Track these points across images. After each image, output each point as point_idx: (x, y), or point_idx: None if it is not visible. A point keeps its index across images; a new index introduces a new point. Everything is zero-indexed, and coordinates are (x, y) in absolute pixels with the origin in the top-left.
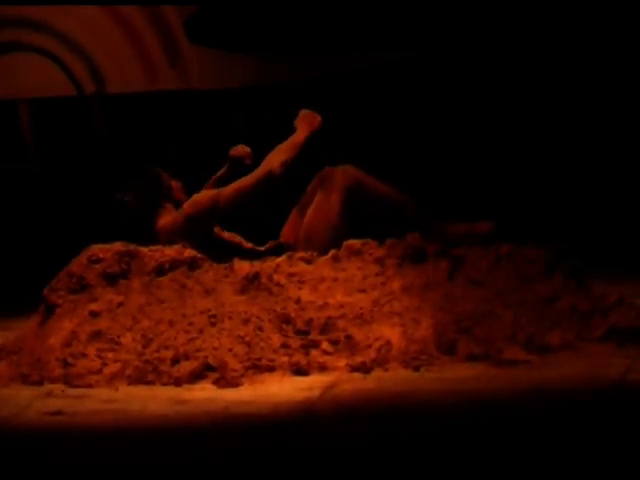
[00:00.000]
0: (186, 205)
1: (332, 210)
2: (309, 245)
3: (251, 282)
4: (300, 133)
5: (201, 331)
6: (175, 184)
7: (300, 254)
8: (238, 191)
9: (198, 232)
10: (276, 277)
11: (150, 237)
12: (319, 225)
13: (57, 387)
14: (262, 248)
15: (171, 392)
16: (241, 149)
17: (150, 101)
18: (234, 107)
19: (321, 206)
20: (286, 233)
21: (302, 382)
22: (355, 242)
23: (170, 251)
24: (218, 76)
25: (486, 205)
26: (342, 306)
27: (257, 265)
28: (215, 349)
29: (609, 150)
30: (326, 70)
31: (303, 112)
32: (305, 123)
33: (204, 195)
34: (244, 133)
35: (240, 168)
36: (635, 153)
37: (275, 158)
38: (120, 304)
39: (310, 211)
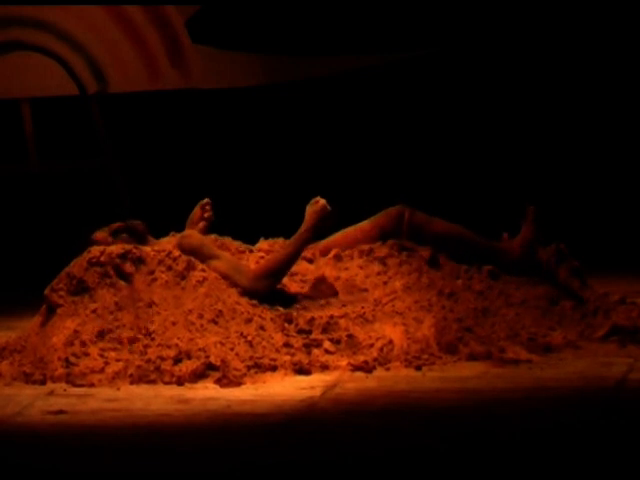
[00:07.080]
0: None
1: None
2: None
3: None
4: None
5: (203, 330)
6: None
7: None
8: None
9: None
10: None
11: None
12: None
13: (59, 386)
14: None
15: (173, 391)
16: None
17: (152, 100)
18: (233, 107)
19: (357, 232)
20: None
21: (304, 381)
22: None
23: (172, 249)
24: (220, 75)
25: (487, 205)
26: (344, 305)
27: None
28: (217, 348)
29: (609, 150)
30: (328, 70)
31: None
32: None
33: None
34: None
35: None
36: (635, 153)
37: None
38: (122, 303)
39: (347, 231)
